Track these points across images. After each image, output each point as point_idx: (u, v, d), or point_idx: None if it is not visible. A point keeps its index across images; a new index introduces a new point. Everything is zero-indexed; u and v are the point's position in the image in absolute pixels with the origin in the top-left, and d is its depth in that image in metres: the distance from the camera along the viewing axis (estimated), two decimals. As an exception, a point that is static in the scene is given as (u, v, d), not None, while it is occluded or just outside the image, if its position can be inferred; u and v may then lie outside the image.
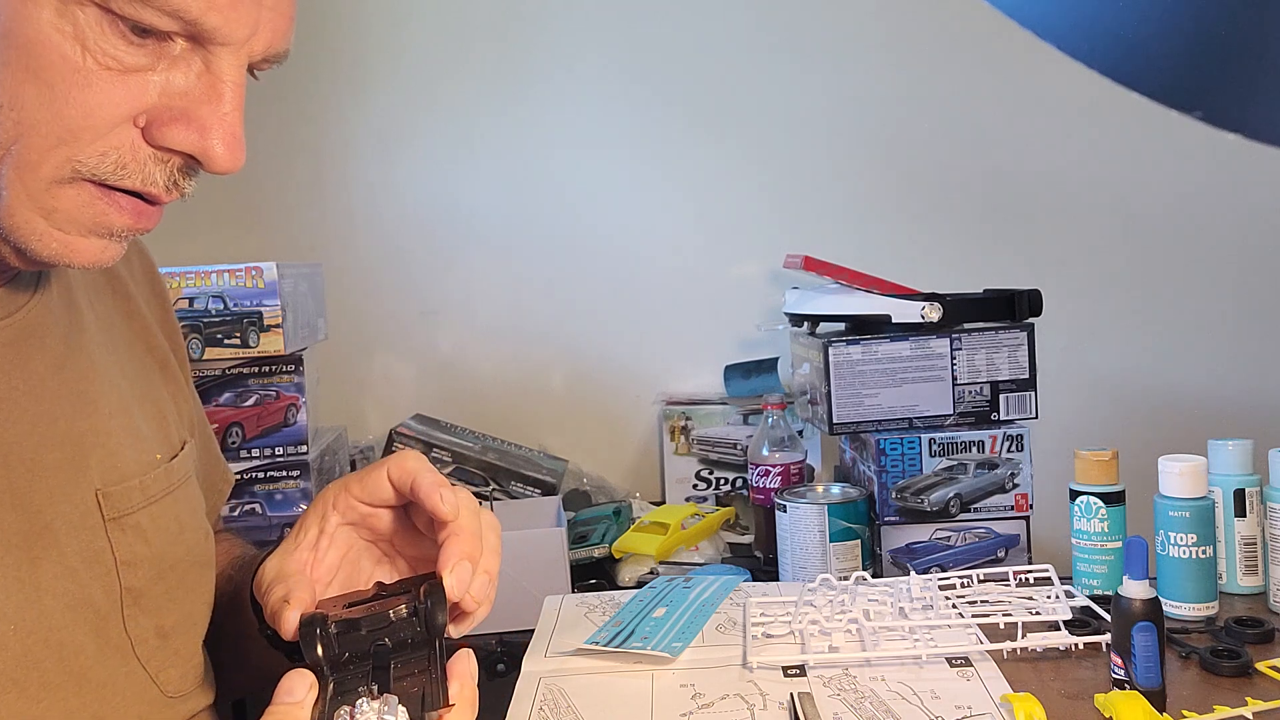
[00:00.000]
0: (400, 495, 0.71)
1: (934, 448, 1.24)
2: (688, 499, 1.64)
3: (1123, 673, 0.81)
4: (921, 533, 1.24)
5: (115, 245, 0.60)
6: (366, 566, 0.75)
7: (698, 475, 1.65)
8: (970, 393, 1.28)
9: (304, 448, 1.35)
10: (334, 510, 0.72)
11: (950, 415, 1.28)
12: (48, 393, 0.65)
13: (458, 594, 0.65)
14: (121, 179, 0.57)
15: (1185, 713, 0.78)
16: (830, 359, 1.28)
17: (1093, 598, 1.00)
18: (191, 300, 1.32)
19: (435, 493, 0.68)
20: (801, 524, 1.21)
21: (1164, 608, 0.85)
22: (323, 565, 0.72)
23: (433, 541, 0.68)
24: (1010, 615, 0.94)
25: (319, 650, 0.62)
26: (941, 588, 1.01)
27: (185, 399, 0.81)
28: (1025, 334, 1.28)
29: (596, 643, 0.94)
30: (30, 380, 0.64)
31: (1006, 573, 1.03)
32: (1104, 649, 0.89)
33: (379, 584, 0.70)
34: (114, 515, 0.66)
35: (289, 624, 0.64)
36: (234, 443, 1.34)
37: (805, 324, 1.41)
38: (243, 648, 0.77)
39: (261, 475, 1.34)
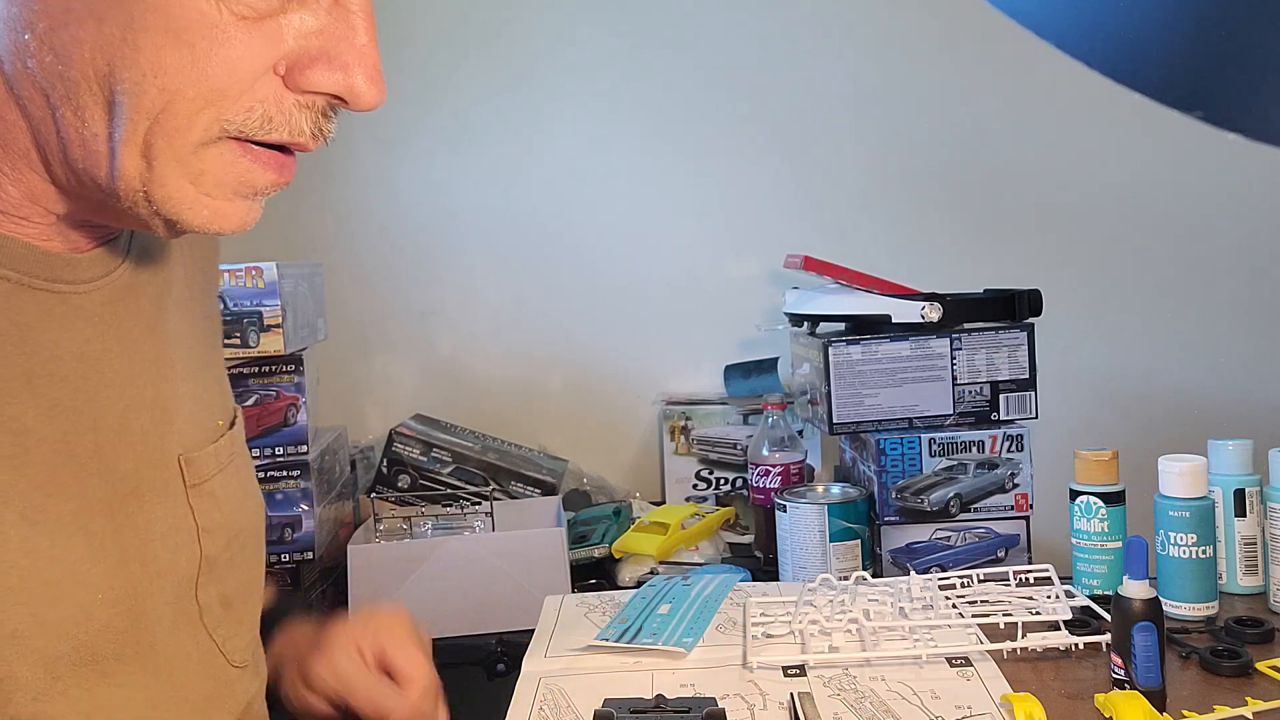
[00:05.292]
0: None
1: (934, 448, 1.24)
2: (688, 499, 1.63)
3: (1123, 673, 0.81)
4: (921, 533, 1.24)
5: (257, 206, 0.58)
6: None
7: (698, 475, 1.65)
8: (970, 393, 1.28)
9: (304, 448, 1.35)
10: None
11: (950, 415, 1.28)
12: (139, 355, 0.63)
13: None
14: (269, 132, 0.55)
15: (1185, 713, 0.78)
16: (830, 359, 1.28)
17: (1093, 598, 1.00)
18: (191, 300, 1.31)
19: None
20: (801, 524, 1.21)
21: (1164, 608, 0.85)
22: None
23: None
24: (1010, 615, 0.94)
25: None
26: (941, 588, 1.01)
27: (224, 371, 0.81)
28: (1025, 334, 1.28)
29: (606, 639, 0.94)
30: (124, 342, 0.62)
31: (1006, 573, 1.03)
32: (1104, 649, 0.89)
33: (660, 695, 0.80)
34: (195, 482, 0.66)
35: None
36: (234, 443, 1.34)
37: (805, 324, 1.41)
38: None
39: (261, 475, 1.34)
